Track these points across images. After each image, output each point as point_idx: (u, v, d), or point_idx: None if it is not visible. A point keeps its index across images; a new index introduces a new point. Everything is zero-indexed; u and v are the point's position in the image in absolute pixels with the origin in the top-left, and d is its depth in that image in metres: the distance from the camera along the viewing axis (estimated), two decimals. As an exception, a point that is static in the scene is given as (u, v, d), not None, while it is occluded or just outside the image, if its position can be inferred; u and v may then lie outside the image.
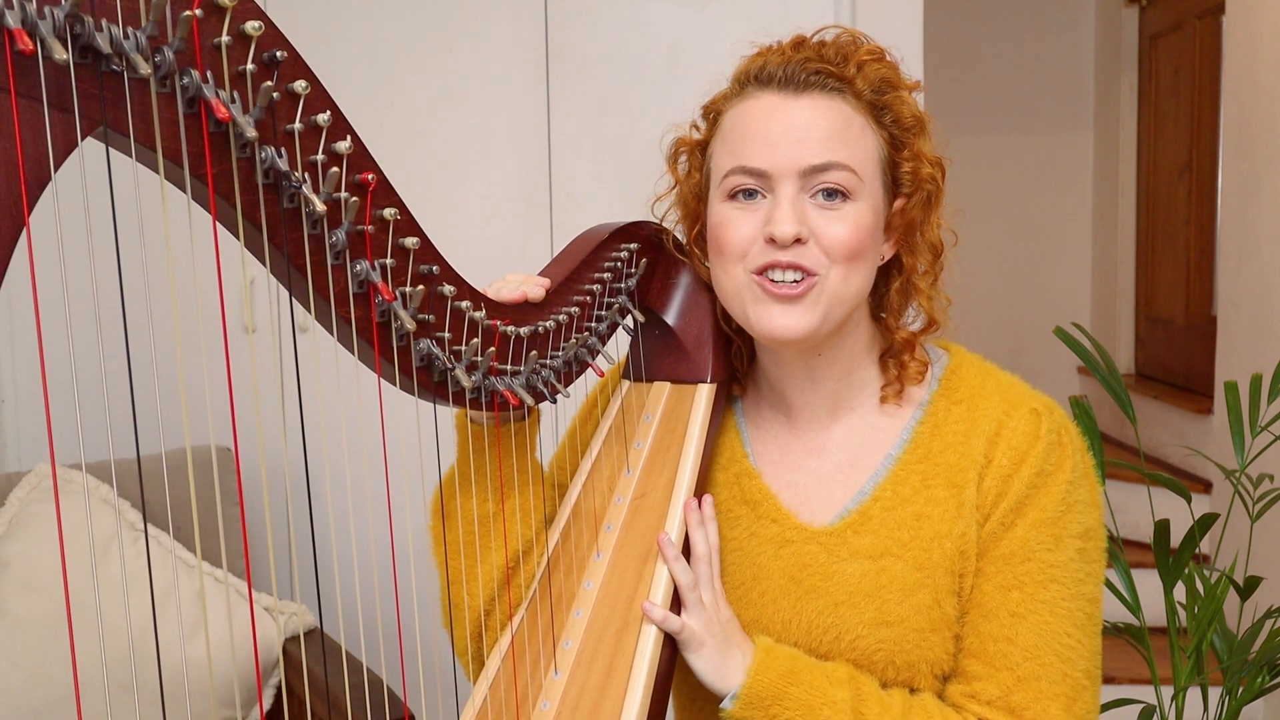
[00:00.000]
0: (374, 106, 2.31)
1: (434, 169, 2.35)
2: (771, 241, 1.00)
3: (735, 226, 1.02)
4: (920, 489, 1.05)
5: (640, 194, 1.18)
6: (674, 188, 1.13)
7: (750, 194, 1.02)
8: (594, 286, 1.06)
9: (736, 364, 1.16)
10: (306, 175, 0.78)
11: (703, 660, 1.02)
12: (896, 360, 1.08)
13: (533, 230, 2.37)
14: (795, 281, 1.00)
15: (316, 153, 0.78)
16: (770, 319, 1.02)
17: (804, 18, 1.12)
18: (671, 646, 1.03)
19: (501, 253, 2.33)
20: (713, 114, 1.08)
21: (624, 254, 1.08)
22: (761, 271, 1.01)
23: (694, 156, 1.10)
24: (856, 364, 1.09)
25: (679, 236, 1.14)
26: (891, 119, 1.03)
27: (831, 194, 1.00)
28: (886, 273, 1.08)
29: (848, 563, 1.05)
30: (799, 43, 1.05)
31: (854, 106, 1.01)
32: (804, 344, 1.04)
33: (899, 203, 1.05)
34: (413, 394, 0.94)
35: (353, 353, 0.90)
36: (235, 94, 0.72)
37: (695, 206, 1.10)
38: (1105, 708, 1.07)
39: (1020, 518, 1.02)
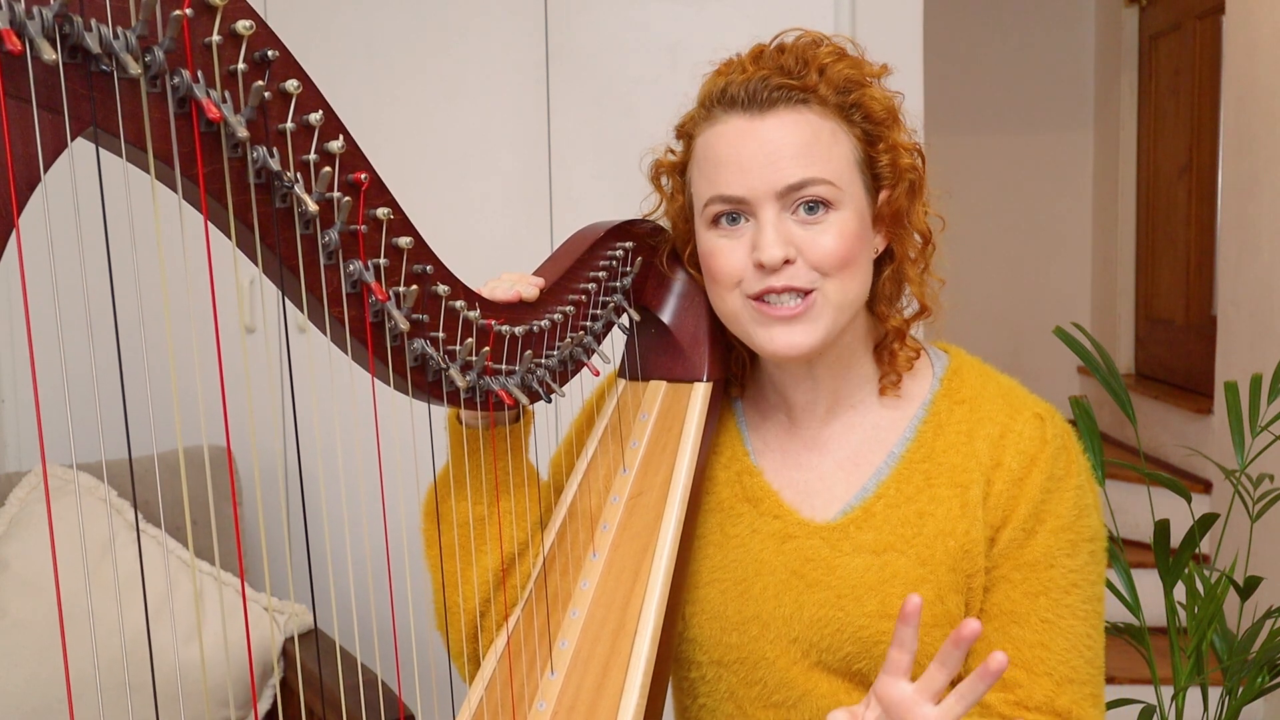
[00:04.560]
0: (374, 106, 2.30)
1: (434, 169, 2.35)
2: (761, 267, 1.00)
3: (725, 255, 1.03)
4: (924, 487, 1.05)
5: (640, 194, 1.18)
6: (660, 205, 1.14)
7: (733, 219, 1.02)
8: (589, 285, 1.06)
9: (735, 368, 1.16)
10: (298, 175, 0.78)
11: None
12: (888, 349, 1.09)
13: (532, 230, 2.37)
14: (795, 303, 1.01)
15: (308, 152, 0.78)
16: (774, 340, 1.02)
17: (804, 18, 1.11)
18: (667, 646, 1.02)
19: (501, 253, 2.33)
20: (685, 136, 1.08)
21: (619, 252, 1.08)
22: (758, 297, 1.02)
23: (674, 179, 1.11)
24: (854, 358, 1.09)
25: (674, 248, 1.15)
26: (862, 116, 1.02)
27: (813, 207, 1.00)
28: (879, 263, 1.09)
29: (851, 556, 1.05)
30: (757, 54, 1.04)
31: (821, 114, 1.01)
32: (812, 355, 1.04)
33: (884, 194, 1.05)
34: (407, 394, 0.94)
35: (346, 353, 0.89)
36: (226, 94, 0.72)
37: (684, 227, 1.11)
38: (1106, 708, 1.08)
39: (1040, 524, 1.03)
